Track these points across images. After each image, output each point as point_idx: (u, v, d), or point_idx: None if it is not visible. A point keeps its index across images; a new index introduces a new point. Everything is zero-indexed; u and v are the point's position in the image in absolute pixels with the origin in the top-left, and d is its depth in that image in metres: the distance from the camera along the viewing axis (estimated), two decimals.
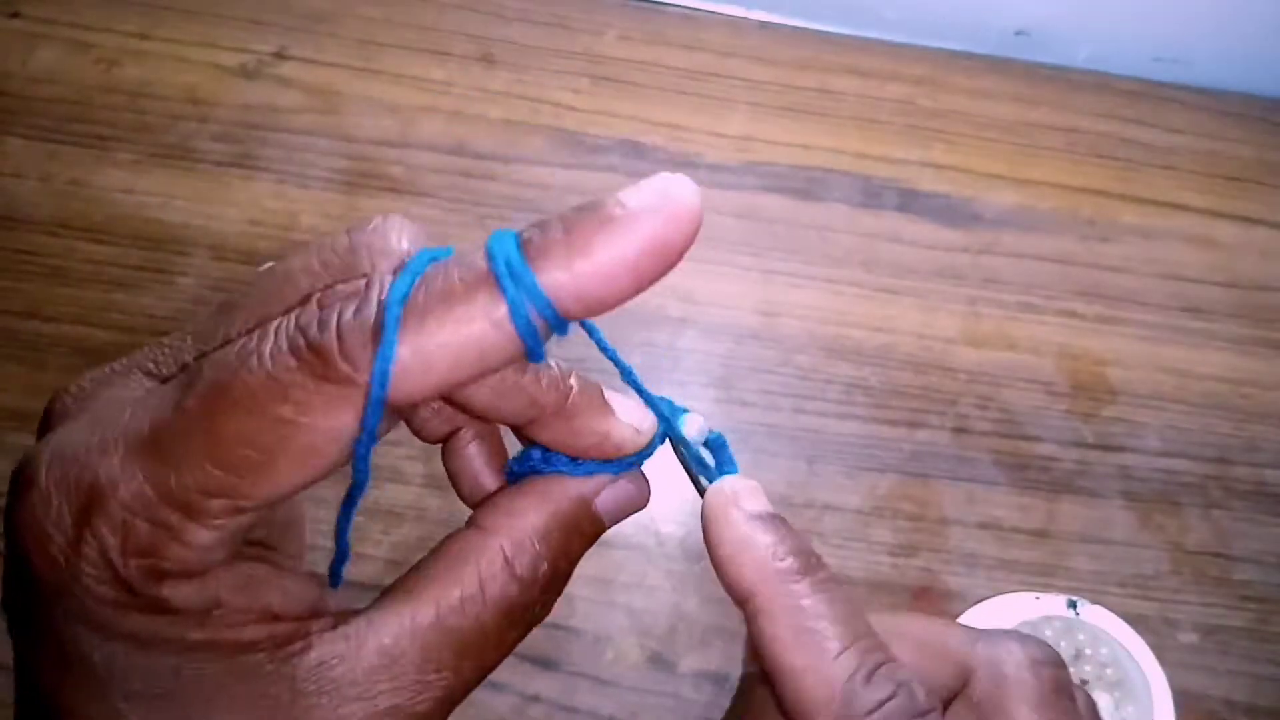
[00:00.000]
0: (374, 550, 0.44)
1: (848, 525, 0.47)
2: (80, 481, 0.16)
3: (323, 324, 0.16)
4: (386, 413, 0.16)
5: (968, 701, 0.23)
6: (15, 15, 0.58)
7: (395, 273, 0.17)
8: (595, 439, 0.20)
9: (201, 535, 0.17)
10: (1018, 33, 0.63)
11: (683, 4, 0.63)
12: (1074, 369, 0.52)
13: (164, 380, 0.19)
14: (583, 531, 0.22)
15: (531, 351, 0.17)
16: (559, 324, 0.16)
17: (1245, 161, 0.60)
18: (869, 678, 0.20)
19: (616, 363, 0.22)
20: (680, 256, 0.16)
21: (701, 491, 0.24)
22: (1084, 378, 0.52)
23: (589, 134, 0.57)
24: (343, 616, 0.19)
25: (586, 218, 0.16)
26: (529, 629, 0.21)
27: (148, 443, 0.16)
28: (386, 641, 0.19)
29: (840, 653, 0.21)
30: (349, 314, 0.16)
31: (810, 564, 0.22)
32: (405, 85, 0.58)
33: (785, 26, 0.63)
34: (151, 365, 0.19)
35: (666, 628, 0.44)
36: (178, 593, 0.17)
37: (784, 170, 0.57)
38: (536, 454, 0.21)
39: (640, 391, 0.22)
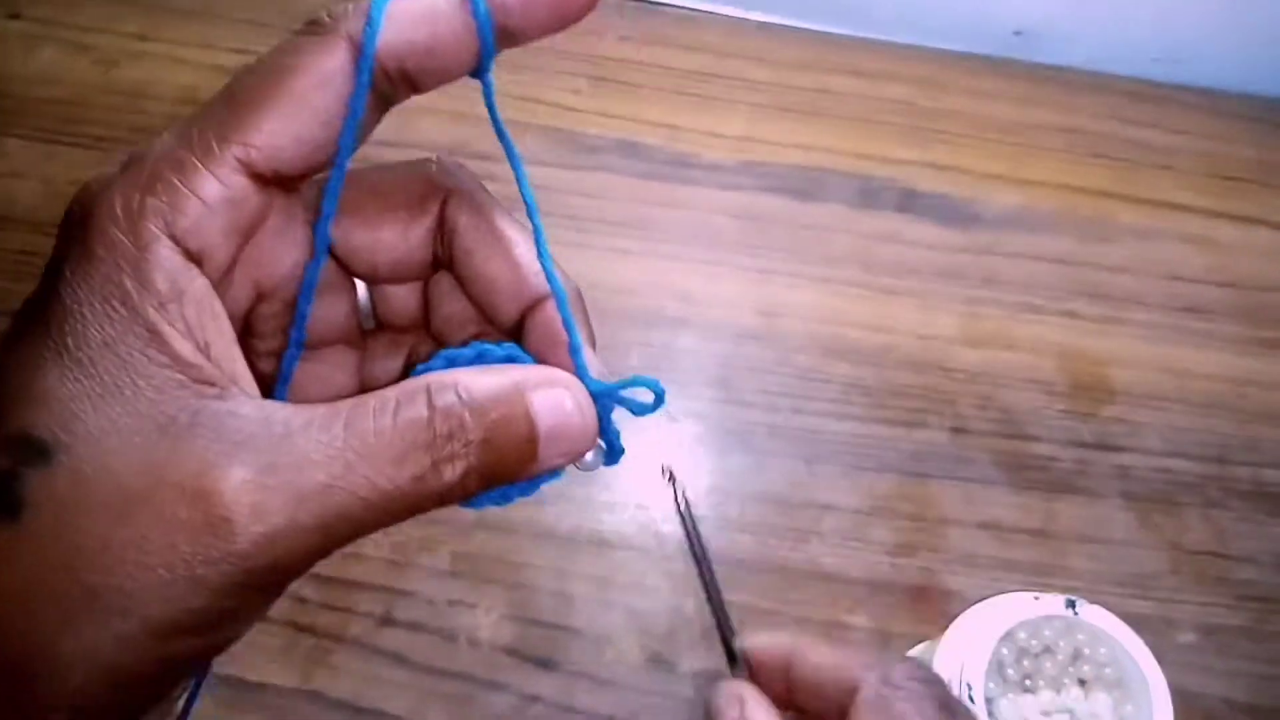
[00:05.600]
0: (374, 551, 0.44)
1: (847, 525, 0.47)
2: (135, 158, 0.19)
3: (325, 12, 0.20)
4: (372, 87, 0.20)
5: (858, 707, 0.25)
6: (15, 16, 0.58)
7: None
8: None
9: (208, 184, 0.19)
10: (1018, 33, 0.63)
11: (682, 5, 0.63)
12: (1073, 369, 0.52)
13: None
14: (516, 429, 0.20)
15: (478, 13, 0.20)
16: (486, 13, 0.20)
17: (1245, 162, 0.60)
18: None
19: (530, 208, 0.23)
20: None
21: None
22: (1083, 378, 0.52)
23: (587, 134, 0.57)
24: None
25: None
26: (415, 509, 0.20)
27: (182, 120, 0.20)
28: (283, 417, 0.19)
29: None
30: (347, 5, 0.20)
31: None
32: None
33: (784, 27, 0.63)
34: None
35: (666, 628, 0.44)
36: (175, 245, 0.19)
37: (783, 170, 0.57)
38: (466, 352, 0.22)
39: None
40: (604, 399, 0.22)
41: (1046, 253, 0.56)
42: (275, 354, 0.23)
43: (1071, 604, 0.37)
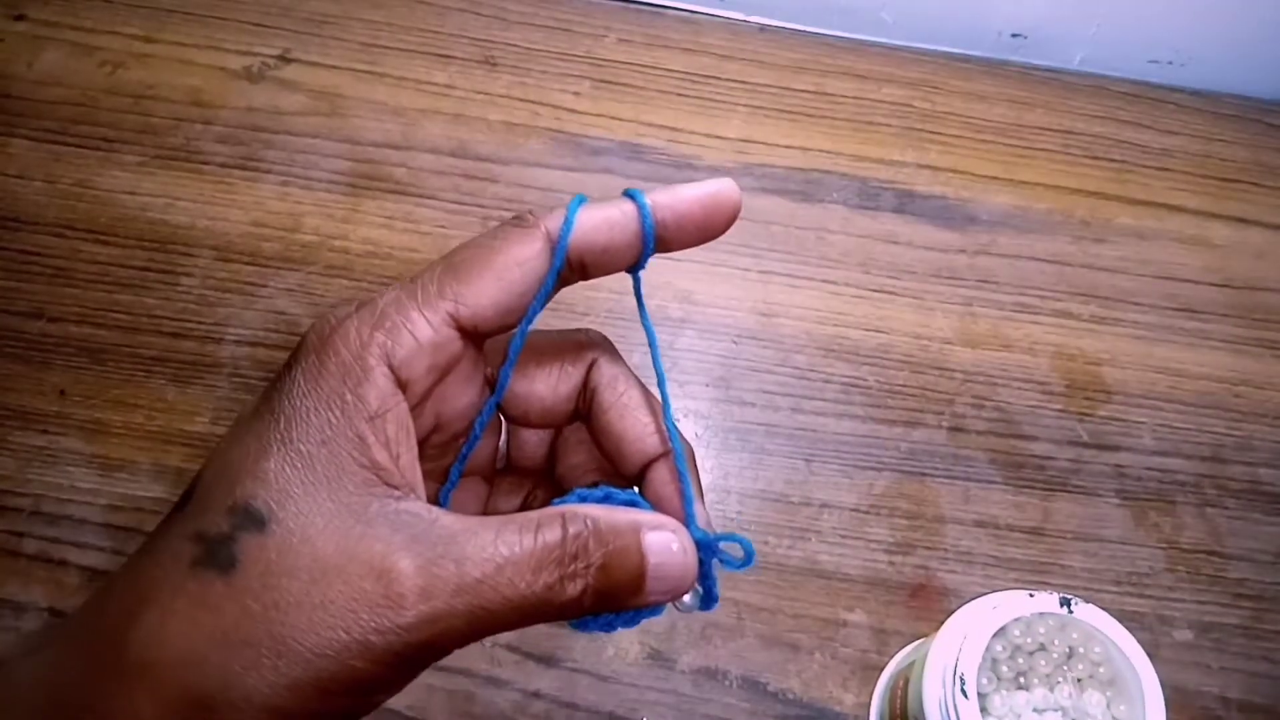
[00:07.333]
0: None
1: (845, 523, 0.47)
2: (366, 301, 0.24)
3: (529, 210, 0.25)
4: (559, 272, 0.24)
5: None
6: (20, 18, 0.59)
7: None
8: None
9: (423, 327, 0.23)
10: (1013, 35, 0.63)
11: (682, 7, 0.64)
12: (1069, 369, 0.53)
13: None
14: (629, 560, 0.23)
15: (645, 227, 0.25)
16: (651, 227, 0.25)
17: (1239, 163, 0.61)
18: None
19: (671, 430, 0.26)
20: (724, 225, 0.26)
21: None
22: (1079, 377, 0.52)
23: (589, 136, 0.57)
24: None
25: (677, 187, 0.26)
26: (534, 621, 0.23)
27: (410, 278, 0.24)
28: (448, 522, 0.22)
29: None
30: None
31: None
32: (408, 88, 0.58)
33: (783, 30, 0.64)
34: None
35: (666, 625, 0.44)
36: (391, 373, 0.23)
37: (782, 172, 0.57)
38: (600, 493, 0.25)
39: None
40: (706, 549, 0.25)
41: (1042, 253, 0.56)
42: (431, 475, 0.26)
43: (1066, 602, 0.37)
